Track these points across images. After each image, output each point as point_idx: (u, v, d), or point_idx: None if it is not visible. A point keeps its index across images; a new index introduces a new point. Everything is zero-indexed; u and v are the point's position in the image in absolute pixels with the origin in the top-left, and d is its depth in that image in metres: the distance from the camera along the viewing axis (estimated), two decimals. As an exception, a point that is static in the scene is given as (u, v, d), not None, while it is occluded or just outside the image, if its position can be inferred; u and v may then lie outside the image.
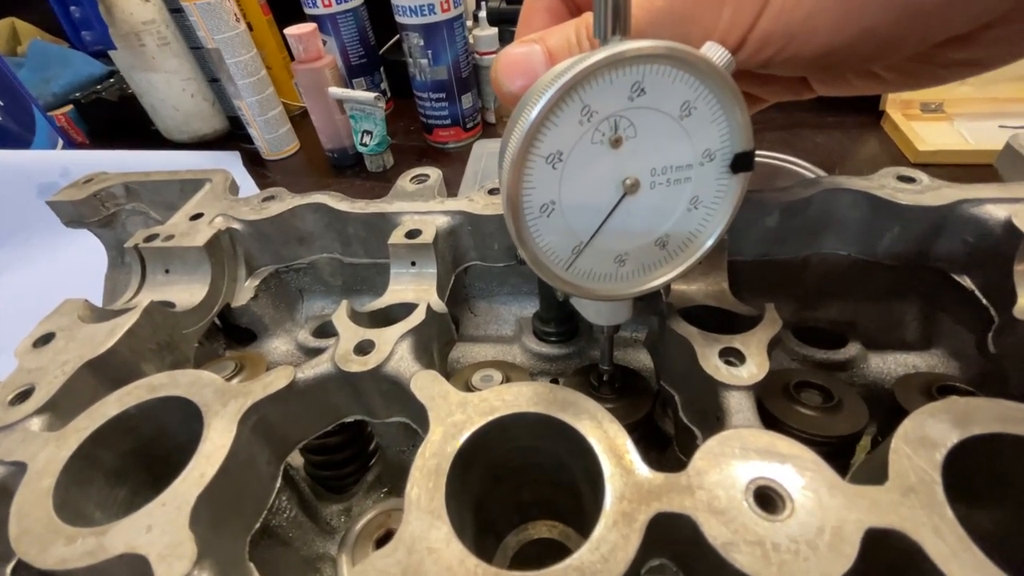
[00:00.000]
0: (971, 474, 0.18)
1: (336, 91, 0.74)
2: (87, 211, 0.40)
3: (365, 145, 0.77)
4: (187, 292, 0.33)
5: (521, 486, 0.26)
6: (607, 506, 0.18)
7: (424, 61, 0.76)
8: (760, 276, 0.32)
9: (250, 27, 0.81)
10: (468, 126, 0.83)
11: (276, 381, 0.24)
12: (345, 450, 0.31)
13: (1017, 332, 0.25)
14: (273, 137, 0.86)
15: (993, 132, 0.65)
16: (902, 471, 0.18)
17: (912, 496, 0.17)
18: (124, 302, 0.33)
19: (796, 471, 0.18)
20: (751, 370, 0.23)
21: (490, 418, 0.21)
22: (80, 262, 0.64)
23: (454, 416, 0.21)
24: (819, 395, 0.26)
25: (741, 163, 0.20)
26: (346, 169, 0.83)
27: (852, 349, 0.31)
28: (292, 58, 0.76)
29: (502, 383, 0.28)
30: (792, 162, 0.43)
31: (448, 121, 0.81)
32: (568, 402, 0.21)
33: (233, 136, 0.94)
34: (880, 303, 0.32)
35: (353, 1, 0.83)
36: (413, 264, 0.31)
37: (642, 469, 0.19)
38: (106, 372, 0.27)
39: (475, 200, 0.33)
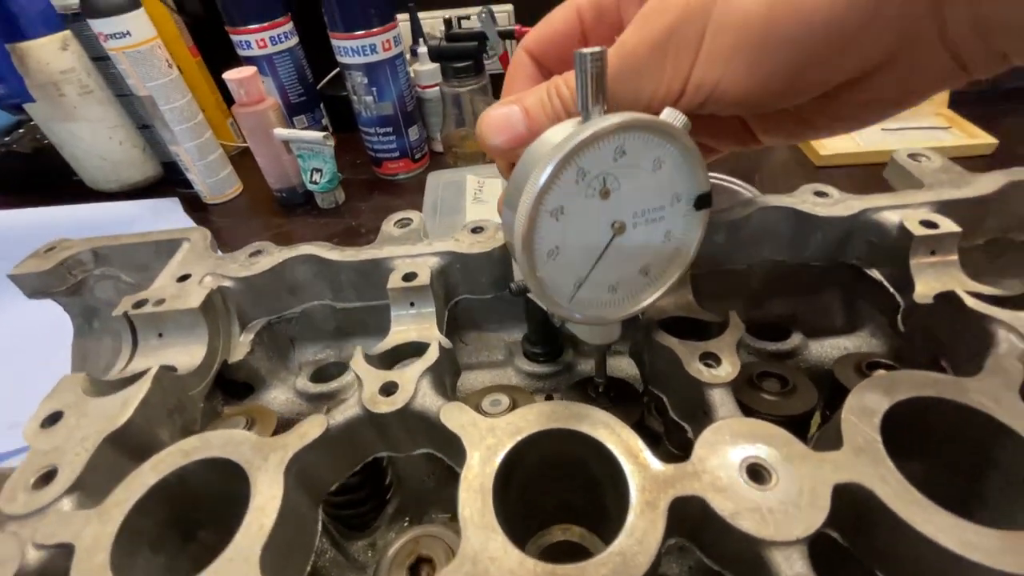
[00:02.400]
0: (903, 432, 0.23)
1: (282, 132, 0.75)
2: (53, 281, 0.39)
3: (316, 183, 0.78)
4: (186, 354, 0.33)
5: (541, 493, 0.29)
6: (633, 499, 0.21)
7: (369, 98, 0.78)
8: (715, 284, 0.37)
9: (179, 70, 0.79)
10: (416, 157, 0.86)
11: (311, 431, 0.26)
12: (364, 487, 0.33)
13: (919, 313, 0.31)
14: (214, 181, 0.84)
15: (877, 135, 0.78)
16: (852, 436, 0.23)
17: (862, 455, 0.22)
18: (120, 371, 0.33)
19: (774, 448, 0.22)
20: (727, 369, 0.27)
21: (519, 437, 0.24)
22: (12, 330, 0.60)
23: (487, 440, 0.24)
24: (777, 382, 0.31)
25: (703, 202, 0.24)
26: (296, 208, 0.83)
27: (795, 339, 0.37)
28: (226, 100, 0.75)
29: (510, 404, 0.31)
30: (727, 180, 0.50)
31: (397, 154, 0.83)
32: (583, 415, 0.25)
33: (168, 181, 0.91)
34: (812, 297, 0.39)
35: (289, 41, 0.84)
36: (412, 305, 0.33)
37: (655, 464, 0.23)
38: (125, 443, 0.27)
39: (460, 240, 0.36)
